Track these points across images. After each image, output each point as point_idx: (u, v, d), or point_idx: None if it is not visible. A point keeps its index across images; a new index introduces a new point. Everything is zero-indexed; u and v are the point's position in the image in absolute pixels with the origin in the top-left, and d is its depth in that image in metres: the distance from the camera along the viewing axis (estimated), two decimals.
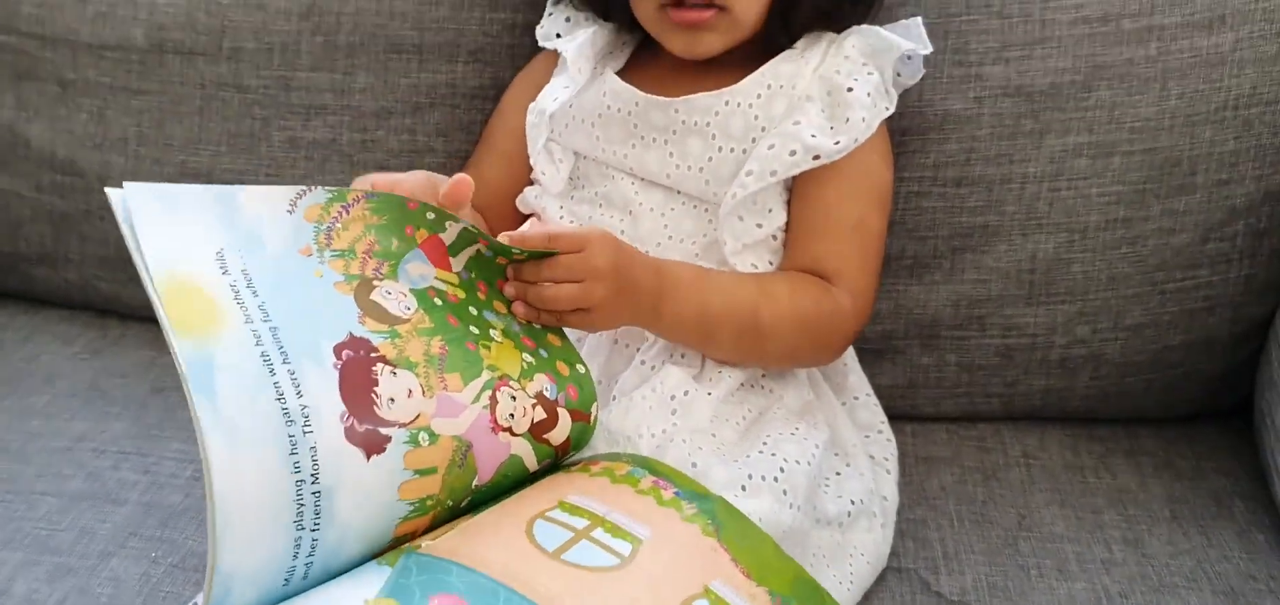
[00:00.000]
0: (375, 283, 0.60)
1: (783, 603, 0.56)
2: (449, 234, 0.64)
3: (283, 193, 0.59)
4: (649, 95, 0.79)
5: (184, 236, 0.55)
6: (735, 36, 0.78)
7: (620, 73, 0.83)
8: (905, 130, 0.86)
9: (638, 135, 0.79)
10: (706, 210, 0.78)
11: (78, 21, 0.96)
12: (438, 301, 0.61)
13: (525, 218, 0.81)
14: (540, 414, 0.62)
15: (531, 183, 0.84)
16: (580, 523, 0.56)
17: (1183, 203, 0.84)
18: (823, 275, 0.76)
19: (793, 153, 0.74)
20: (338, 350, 0.55)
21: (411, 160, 0.93)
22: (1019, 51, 0.84)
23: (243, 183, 0.93)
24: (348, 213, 0.61)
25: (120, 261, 0.98)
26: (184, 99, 0.94)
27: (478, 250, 0.65)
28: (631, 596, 0.53)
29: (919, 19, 0.79)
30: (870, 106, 0.75)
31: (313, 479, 0.52)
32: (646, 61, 0.85)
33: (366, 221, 0.61)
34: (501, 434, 0.60)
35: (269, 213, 0.58)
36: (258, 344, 0.53)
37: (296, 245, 0.58)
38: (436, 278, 0.63)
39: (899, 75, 0.79)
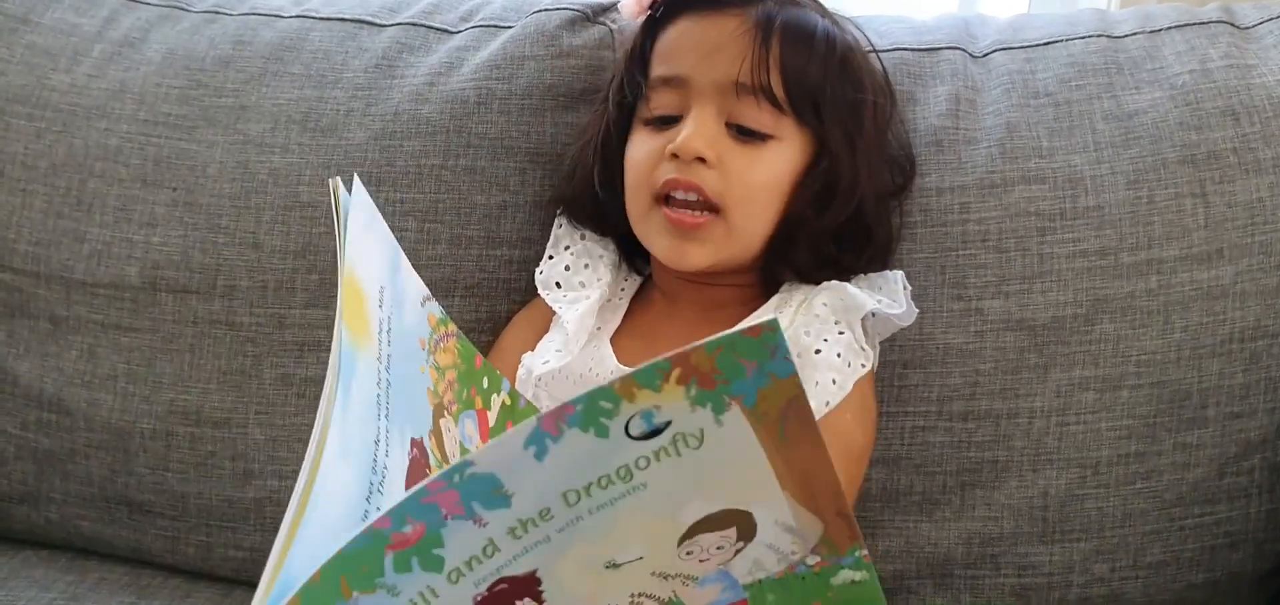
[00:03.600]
0: (445, 412, 0.61)
1: None
2: (491, 414, 0.65)
3: (419, 285, 0.62)
4: (626, 367, 0.77)
5: (369, 254, 0.56)
6: (727, 252, 0.77)
7: (613, 336, 0.81)
8: (907, 363, 0.84)
9: None
10: None
11: (73, 259, 0.95)
12: None
13: None
14: None
15: None
16: None
17: (1195, 436, 0.82)
18: None
19: None
20: (413, 443, 0.56)
21: None
22: (1018, 285, 0.84)
23: (231, 421, 0.94)
24: (446, 341, 0.62)
25: (103, 501, 0.95)
26: (176, 337, 0.93)
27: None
28: None
29: (901, 273, 0.79)
30: (841, 367, 0.73)
31: None
32: (638, 316, 0.83)
33: (454, 358, 0.62)
34: None
35: (411, 292, 0.60)
36: (377, 386, 0.54)
37: (417, 334, 0.60)
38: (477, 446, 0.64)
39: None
